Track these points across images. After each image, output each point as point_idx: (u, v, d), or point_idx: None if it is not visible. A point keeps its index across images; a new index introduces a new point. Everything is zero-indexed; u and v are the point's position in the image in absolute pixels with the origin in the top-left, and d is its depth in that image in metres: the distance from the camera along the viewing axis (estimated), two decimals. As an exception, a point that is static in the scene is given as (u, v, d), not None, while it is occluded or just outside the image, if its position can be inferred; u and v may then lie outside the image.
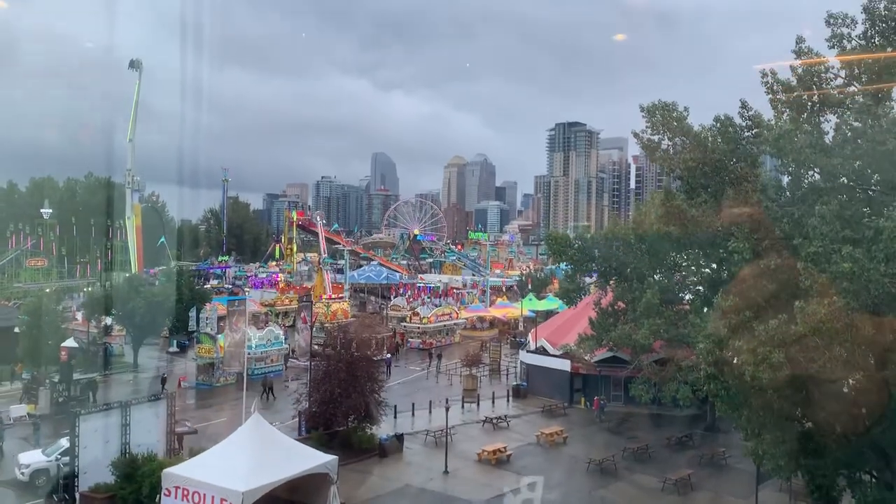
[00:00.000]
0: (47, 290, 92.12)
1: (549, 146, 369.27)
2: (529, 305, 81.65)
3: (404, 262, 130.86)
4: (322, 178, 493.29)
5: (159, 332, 53.88)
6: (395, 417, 40.77)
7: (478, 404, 46.00)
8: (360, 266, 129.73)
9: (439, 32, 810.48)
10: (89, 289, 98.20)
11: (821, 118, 19.03)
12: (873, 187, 19.03)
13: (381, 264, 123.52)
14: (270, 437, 27.16)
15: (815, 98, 18.59)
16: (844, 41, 20.76)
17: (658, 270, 38.54)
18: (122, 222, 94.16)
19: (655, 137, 25.51)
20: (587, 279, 43.45)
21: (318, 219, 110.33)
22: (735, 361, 18.91)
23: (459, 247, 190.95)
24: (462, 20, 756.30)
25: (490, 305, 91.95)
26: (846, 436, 19.66)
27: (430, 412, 42.84)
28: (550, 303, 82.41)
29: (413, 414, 42.35)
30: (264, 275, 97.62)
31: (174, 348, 59.94)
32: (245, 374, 40.02)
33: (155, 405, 31.88)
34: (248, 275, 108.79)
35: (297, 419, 37.55)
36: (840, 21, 20.86)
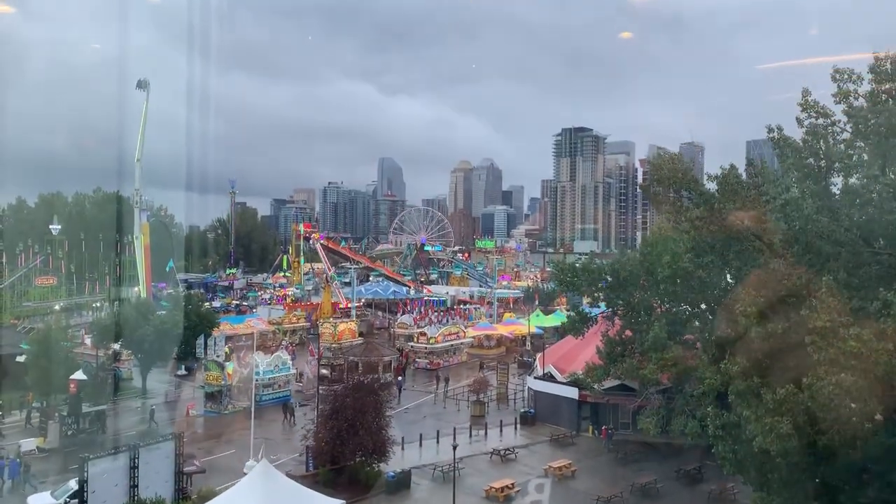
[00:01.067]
0: (56, 308, 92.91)
1: (555, 151, 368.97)
2: (537, 321, 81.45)
3: (410, 276, 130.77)
4: (329, 183, 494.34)
5: (168, 359, 54.11)
6: (403, 449, 40.73)
7: (485, 432, 45.94)
8: (368, 278, 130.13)
9: (443, 36, 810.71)
10: (98, 305, 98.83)
11: (828, 179, 18.97)
12: (880, 250, 18.93)
13: (387, 276, 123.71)
14: (278, 484, 27.24)
15: (823, 163, 18.51)
16: (851, 97, 20.68)
17: (665, 301, 38.36)
18: (130, 237, 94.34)
19: (661, 189, 25.52)
20: (595, 310, 43.29)
21: (318, 241, 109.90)
22: (742, 425, 18.81)
23: (466, 256, 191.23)
24: (466, 24, 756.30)
25: (497, 320, 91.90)
26: (856, 498, 19.55)
27: (438, 442, 42.82)
28: (558, 318, 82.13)
29: (420, 445, 42.31)
30: (268, 296, 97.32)
31: (182, 371, 60.18)
32: (252, 408, 40.25)
33: (163, 446, 32.03)
34: (258, 291, 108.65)
35: (304, 455, 37.53)
36: (846, 77, 20.79)
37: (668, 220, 27.80)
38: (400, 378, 59.04)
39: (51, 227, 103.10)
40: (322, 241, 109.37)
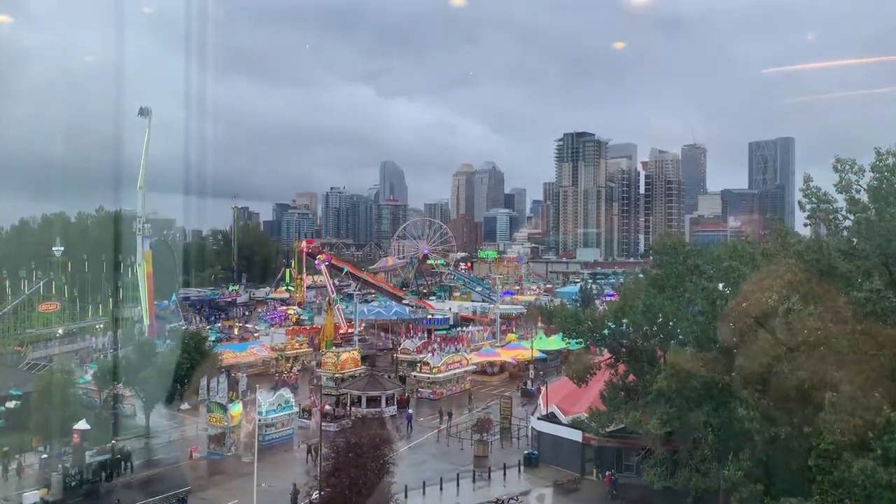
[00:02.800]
0: (60, 332, 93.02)
1: (557, 156, 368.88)
2: (539, 344, 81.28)
3: (414, 293, 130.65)
4: (332, 189, 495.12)
5: (171, 399, 54.12)
6: (406, 497, 40.60)
7: (489, 475, 45.79)
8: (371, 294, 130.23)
9: (441, 39, 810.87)
10: (101, 326, 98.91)
11: (832, 285, 18.85)
12: (884, 353, 18.80)
13: (390, 293, 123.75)
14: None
15: (825, 268, 18.40)
16: (853, 189, 20.60)
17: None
18: (132, 258, 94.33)
19: (662, 273, 25.37)
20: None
21: (323, 262, 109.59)
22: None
23: (468, 266, 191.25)
24: (464, 27, 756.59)
25: (500, 340, 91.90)
26: None
27: (441, 489, 42.74)
28: (561, 340, 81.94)
29: (424, 493, 42.18)
30: (266, 325, 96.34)
31: (186, 405, 60.13)
32: (255, 461, 40.27)
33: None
34: (263, 318, 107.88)
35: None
36: (848, 167, 20.72)
37: (669, 306, 27.66)
38: (410, 411, 59.37)
39: (53, 249, 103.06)
40: (327, 263, 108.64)
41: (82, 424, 43.45)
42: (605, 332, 39.94)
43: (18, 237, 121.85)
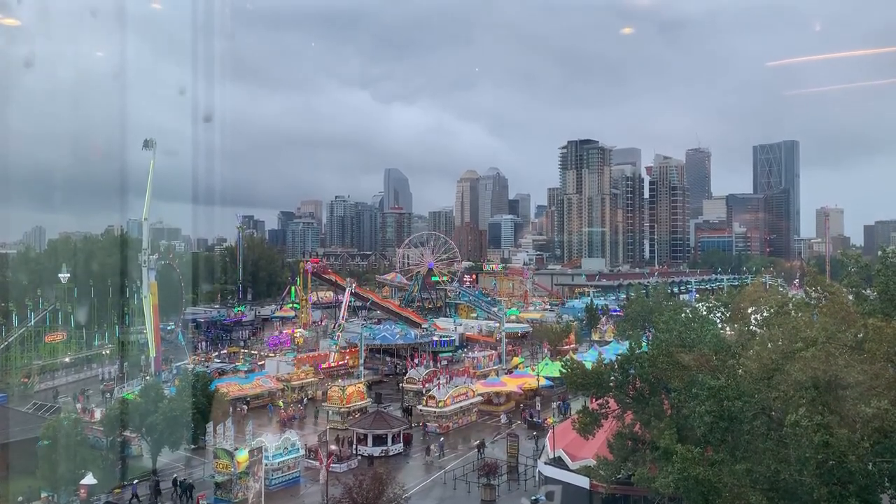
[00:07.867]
0: (67, 360, 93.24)
1: (561, 164, 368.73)
2: (546, 371, 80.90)
3: (420, 308, 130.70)
4: (336, 197, 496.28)
5: (178, 443, 54.09)
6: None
7: (496, 522, 45.73)
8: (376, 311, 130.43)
9: (441, 45, 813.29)
10: (107, 353, 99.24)
11: (838, 393, 18.72)
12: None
13: (397, 314, 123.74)
14: None
15: (830, 377, 18.27)
16: (861, 289, 20.49)
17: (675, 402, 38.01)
18: (138, 283, 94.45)
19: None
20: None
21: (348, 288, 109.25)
22: None
23: (473, 278, 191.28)
24: (465, 32, 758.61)
25: (506, 363, 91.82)
26: None
27: (449, 541, 42.65)
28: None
29: (432, 546, 42.14)
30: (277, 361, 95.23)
31: (193, 445, 60.11)
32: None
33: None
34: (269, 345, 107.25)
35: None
36: (854, 261, 20.65)
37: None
38: (442, 439, 60.90)
39: (59, 275, 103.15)
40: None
41: (89, 479, 43.45)
42: (611, 383, 39.78)
43: (25, 263, 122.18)
